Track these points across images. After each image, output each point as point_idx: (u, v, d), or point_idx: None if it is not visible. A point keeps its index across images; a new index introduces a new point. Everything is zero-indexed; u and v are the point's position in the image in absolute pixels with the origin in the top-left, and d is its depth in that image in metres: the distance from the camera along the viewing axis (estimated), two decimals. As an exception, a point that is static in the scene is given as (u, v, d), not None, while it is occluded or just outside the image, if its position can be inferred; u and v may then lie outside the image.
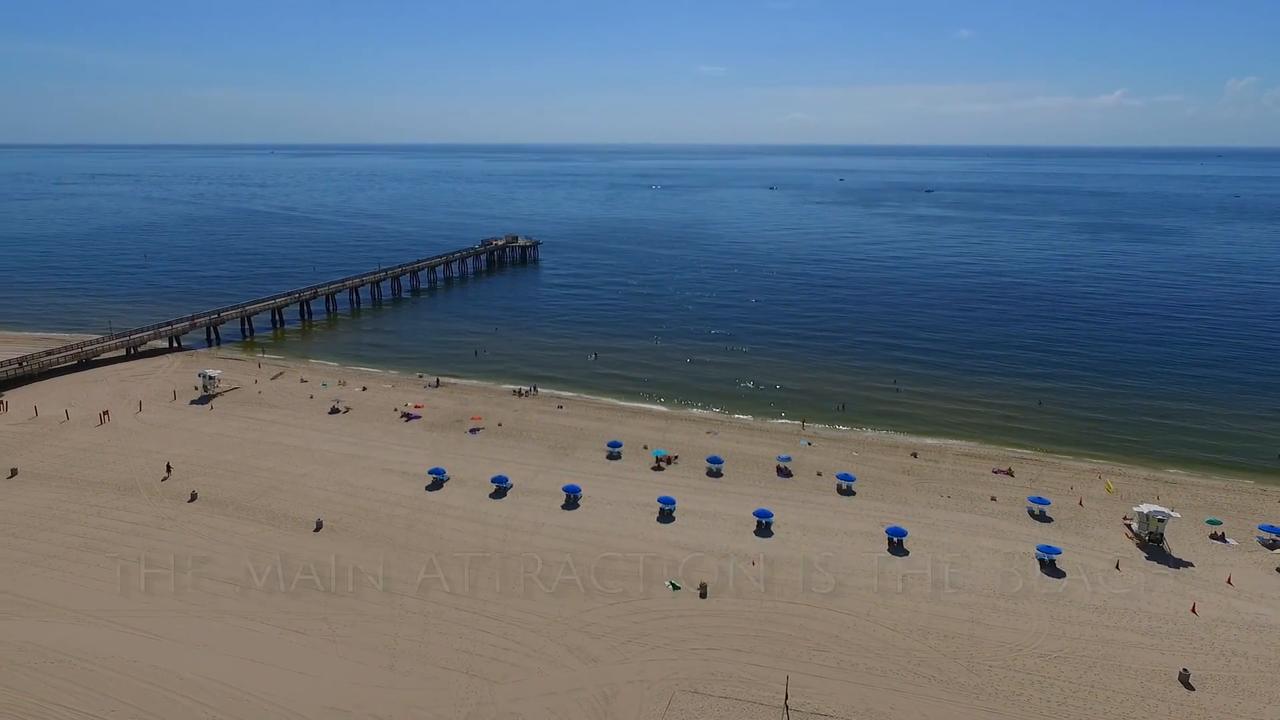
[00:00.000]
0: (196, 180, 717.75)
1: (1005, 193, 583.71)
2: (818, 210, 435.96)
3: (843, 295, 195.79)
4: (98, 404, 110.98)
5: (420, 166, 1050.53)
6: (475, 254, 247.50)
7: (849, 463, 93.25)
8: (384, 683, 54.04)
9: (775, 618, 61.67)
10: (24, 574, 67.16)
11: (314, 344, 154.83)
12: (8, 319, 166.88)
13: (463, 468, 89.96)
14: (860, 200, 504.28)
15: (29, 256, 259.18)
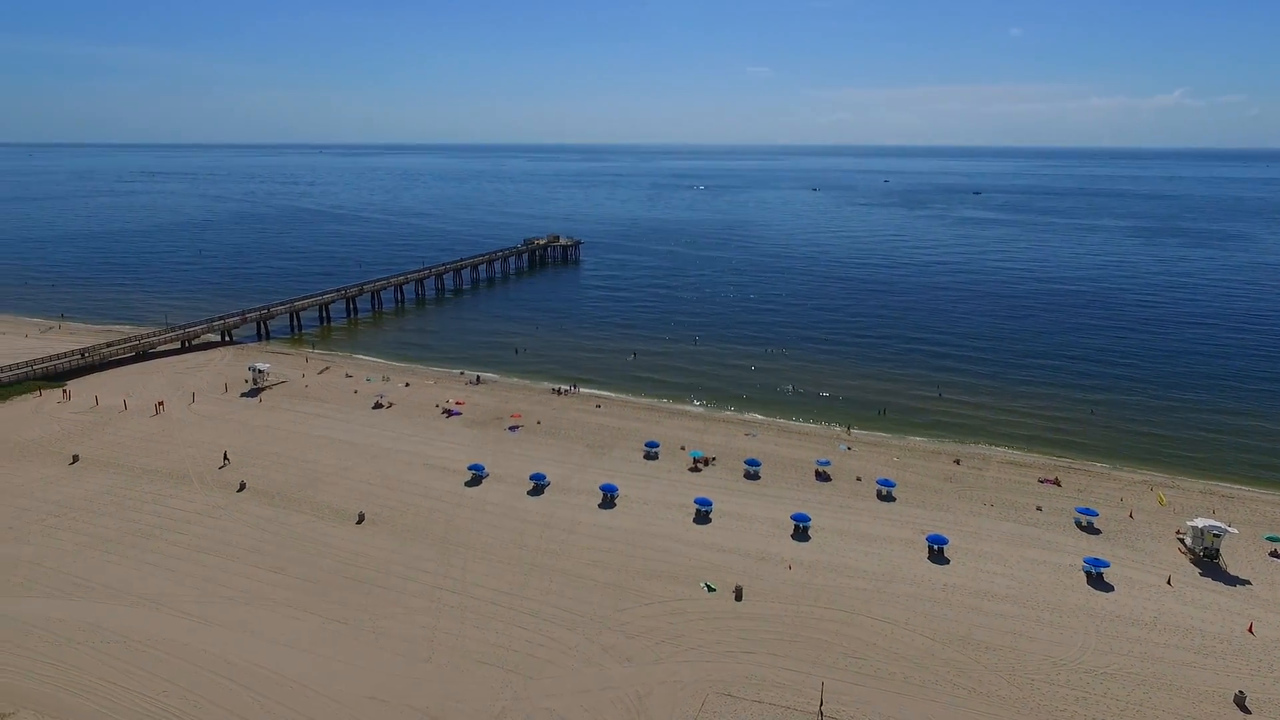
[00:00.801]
0: (248, 179, 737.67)
1: (1056, 195, 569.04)
2: (861, 212, 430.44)
3: (885, 299, 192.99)
4: (154, 395, 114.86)
5: (465, 166, 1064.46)
6: (517, 253, 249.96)
7: (889, 468, 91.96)
8: (422, 675, 54.94)
9: (811, 623, 61.14)
10: (84, 557, 69.88)
11: (359, 340, 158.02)
12: (73, 311, 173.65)
13: (501, 465, 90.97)
14: (905, 202, 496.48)
15: (92, 252, 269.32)
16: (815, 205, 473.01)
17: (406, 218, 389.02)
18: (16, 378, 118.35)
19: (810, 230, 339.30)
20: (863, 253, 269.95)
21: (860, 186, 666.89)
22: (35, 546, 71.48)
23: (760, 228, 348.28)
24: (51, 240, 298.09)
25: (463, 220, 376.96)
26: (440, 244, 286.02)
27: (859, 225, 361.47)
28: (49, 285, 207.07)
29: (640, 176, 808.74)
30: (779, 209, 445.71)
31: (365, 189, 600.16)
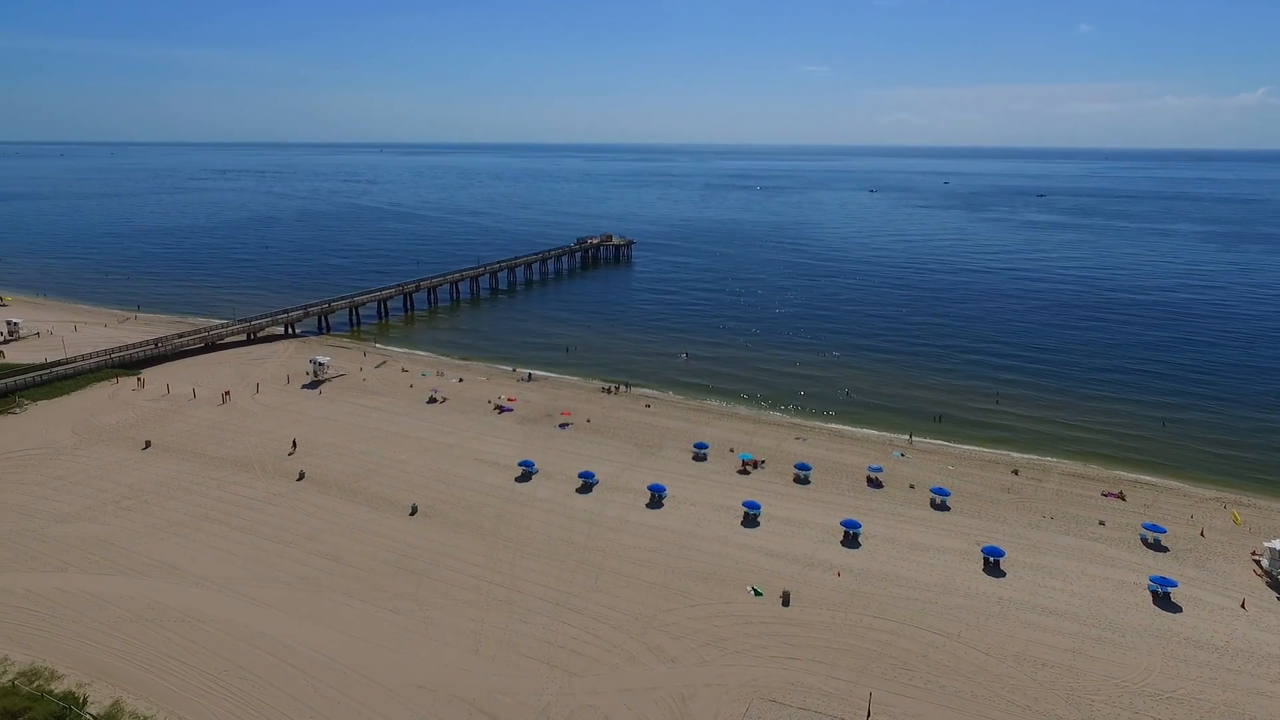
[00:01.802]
0: (313, 177, 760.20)
1: (1127, 198, 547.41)
2: (920, 214, 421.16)
3: (943, 304, 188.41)
4: (221, 384, 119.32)
5: (521, 165, 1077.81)
6: (570, 252, 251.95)
7: (944, 477, 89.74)
8: (469, 666, 55.80)
9: (860, 632, 60.07)
10: (154, 538, 73.00)
11: (415, 335, 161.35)
12: (148, 303, 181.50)
13: (551, 461, 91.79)
14: (966, 204, 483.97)
15: (166, 246, 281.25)
16: (872, 207, 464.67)
17: (462, 216, 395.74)
18: (96, 365, 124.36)
19: (867, 233, 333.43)
20: (920, 256, 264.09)
21: (919, 188, 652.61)
22: (111, 527, 74.98)
23: (815, 229, 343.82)
24: (129, 235, 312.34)
25: (517, 219, 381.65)
26: (495, 242, 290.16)
27: (917, 228, 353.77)
28: (125, 278, 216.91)
29: (694, 177, 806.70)
30: (835, 210, 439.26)
31: (423, 187, 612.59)
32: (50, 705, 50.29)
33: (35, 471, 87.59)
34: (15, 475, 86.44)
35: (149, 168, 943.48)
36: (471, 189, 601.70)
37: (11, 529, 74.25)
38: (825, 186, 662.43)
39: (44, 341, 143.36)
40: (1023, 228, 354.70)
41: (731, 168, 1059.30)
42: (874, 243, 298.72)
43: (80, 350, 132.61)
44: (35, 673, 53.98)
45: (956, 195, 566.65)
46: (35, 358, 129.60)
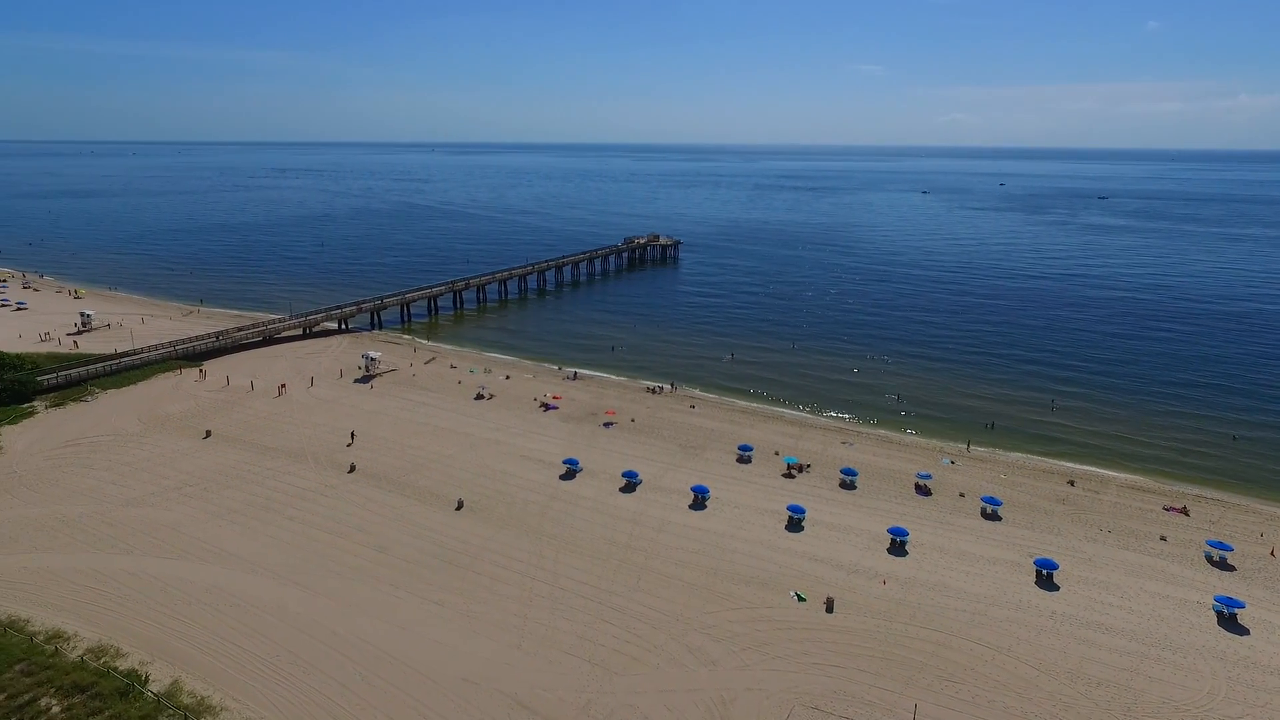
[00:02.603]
0: (367, 176, 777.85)
1: (1196, 201, 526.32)
2: (973, 217, 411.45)
3: (997, 309, 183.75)
4: (277, 377, 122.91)
5: (570, 165, 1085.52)
6: (617, 251, 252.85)
7: (996, 486, 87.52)
8: (511, 660, 56.42)
9: (905, 642, 58.96)
10: (213, 525, 75.59)
11: (464, 332, 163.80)
12: (210, 297, 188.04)
13: (595, 460, 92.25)
14: (1022, 207, 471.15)
15: (228, 242, 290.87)
16: (924, 209, 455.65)
17: (511, 215, 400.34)
18: (161, 356, 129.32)
19: (918, 235, 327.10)
20: (973, 260, 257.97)
21: (974, 190, 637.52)
22: (173, 513, 77.88)
23: (865, 231, 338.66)
24: (193, 231, 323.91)
25: (565, 218, 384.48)
26: (543, 241, 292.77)
27: (970, 230, 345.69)
28: (189, 273, 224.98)
29: (743, 177, 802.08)
30: (886, 212, 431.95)
31: (473, 186, 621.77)
32: (115, 682, 52.46)
33: (104, 457, 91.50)
34: (86, 460, 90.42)
35: (213, 166, 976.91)
36: (520, 188, 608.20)
37: (82, 512, 77.69)
38: (876, 187, 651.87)
39: (114, 333, 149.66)
40: (1083, 231, 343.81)
41: (780, 168, 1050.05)
42: (925, 246, 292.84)
43: (147, 342, 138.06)
44: (102, 650, 56.38)
45: (1013, 197, 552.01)
46: (106, 348, 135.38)
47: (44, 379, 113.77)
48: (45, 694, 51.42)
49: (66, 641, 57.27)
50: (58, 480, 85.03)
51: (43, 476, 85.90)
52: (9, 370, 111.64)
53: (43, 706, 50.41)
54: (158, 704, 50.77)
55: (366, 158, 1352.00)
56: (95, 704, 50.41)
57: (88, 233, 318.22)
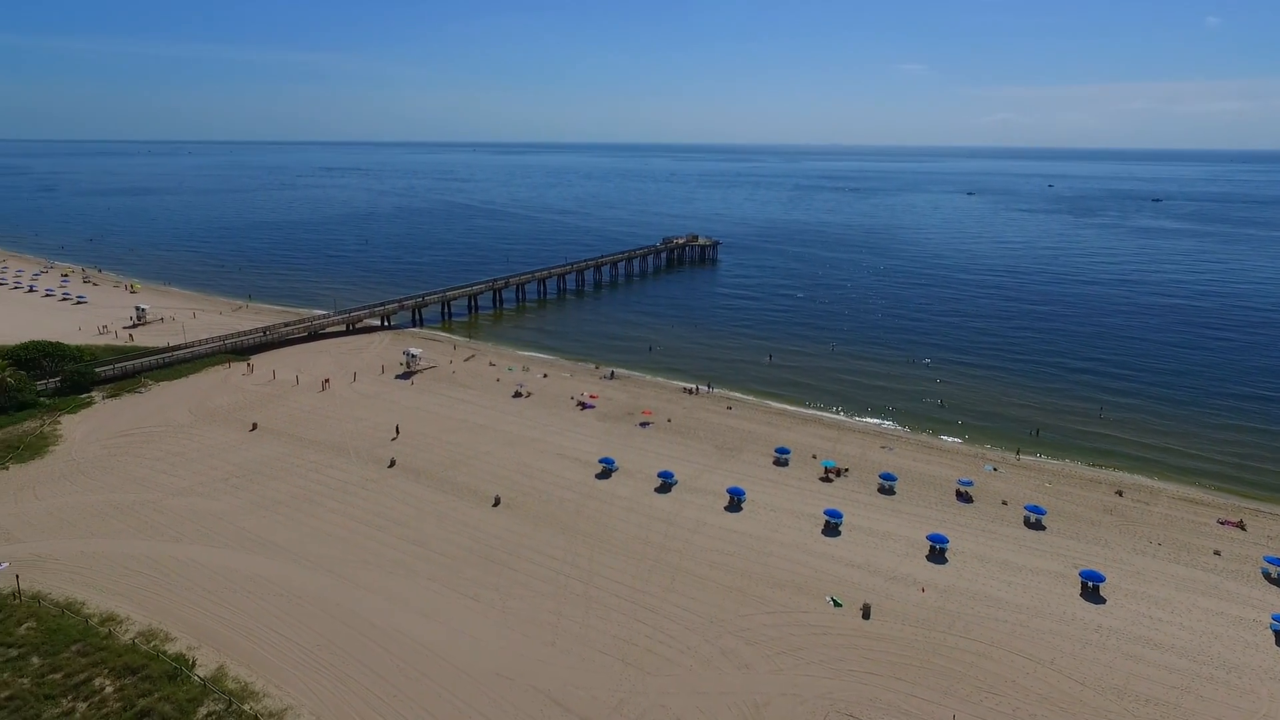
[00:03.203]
0: (410, 175, 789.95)
1: (1257, 204, 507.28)
2: (1020, 219, 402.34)
3: (1044, 313, 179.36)
4: (321, 372, 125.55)
5: (610, 164, 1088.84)
6: (656, 251, 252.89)
7: (1040, 494, 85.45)
8: (545, 658, 56.78)
9: (944, 651, 57.88)
10: (257, 515, 77.53)
11: (503, 330, 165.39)
12: (258, 293, 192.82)
13: (631, 459, 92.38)
14: (1071, 209, 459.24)
15: (275, 239, 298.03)
16: (969, 210, 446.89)
17: (551, 214, 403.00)
18: (211, 350, 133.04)
19: (962, 237, 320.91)
20: (1020, 264, 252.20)
21: (1021, 191, 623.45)
22: (220, 503, 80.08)
23: (907, 233, 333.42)
24: (242, 228, 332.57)
25: (604, 218, 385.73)
26: (582, 241, 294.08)
27: (1016, 233, 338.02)
28: (238, 269, 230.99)
29: (783, 178, 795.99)
30: (929, 214, 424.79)
31: (514, 186, 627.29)
32: (164, 665, 54.12)
33: (156, 447, 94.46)
34: (139, 450, 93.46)
35: (263, 165, 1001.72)
36: (560, 188, 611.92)
37: (135, 499, 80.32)
38: (920, 188, 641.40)
39: (167, 326, 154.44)
40: (1135, 235, 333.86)
41: (821, 168, 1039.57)
42: (970, 248, 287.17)
43: (197, 336, 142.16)
44: (152, 633, 58.21)
45: (1062, 199, 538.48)
46: (159, 342, 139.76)
47: (101, 370, 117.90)
48: (99, 674, 53.27)
49: (119, 624, 59.27)
50: (112, 468, 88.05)
51: (99, 464, 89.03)
52: (70, 362, 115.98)
53: (96, 686, 52.23)
54: (204, 688, 52.23)
55: (410, 157, 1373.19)
56: (145, 685, 52.07)
57: (143, 229, 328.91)
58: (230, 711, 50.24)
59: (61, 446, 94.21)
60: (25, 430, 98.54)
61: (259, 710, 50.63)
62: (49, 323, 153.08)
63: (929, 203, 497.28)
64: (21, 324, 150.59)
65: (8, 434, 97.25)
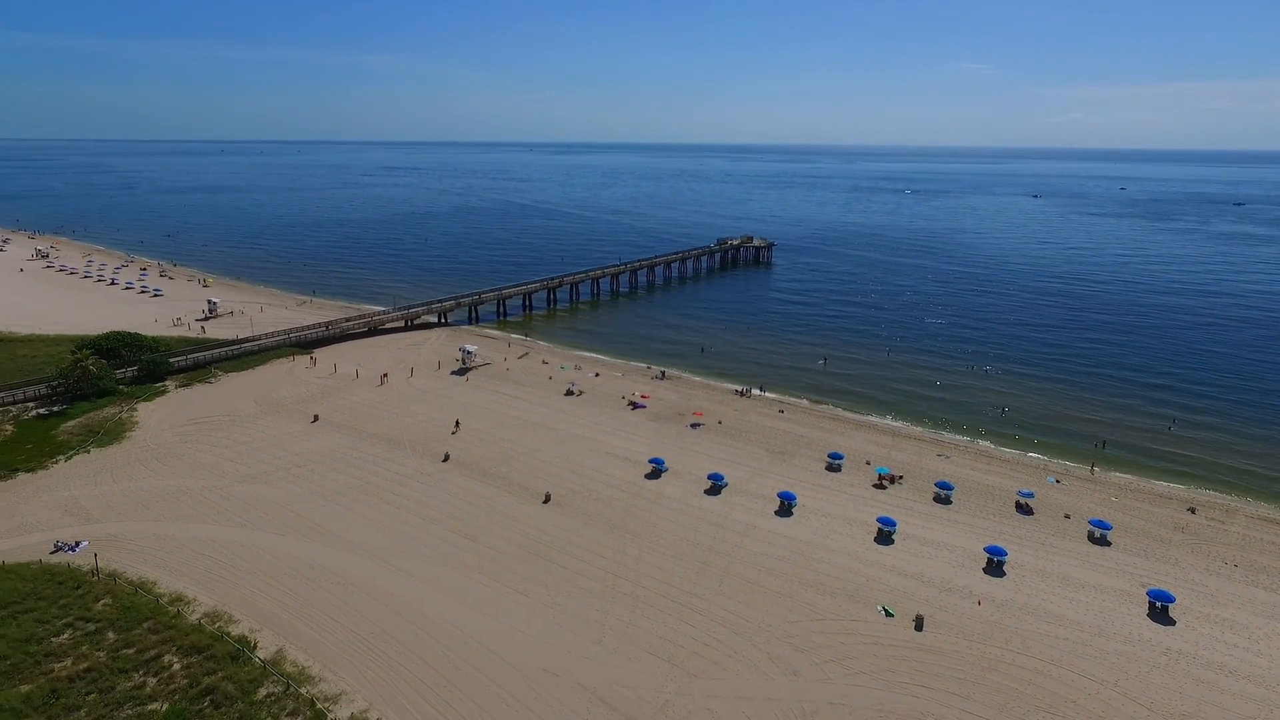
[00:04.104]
0: (468, 174, 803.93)
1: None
2: (1090, 223, 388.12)
3: (1113, 322, 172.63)
4: (380, 367, 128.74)
5: (665, 165, 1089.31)
6: (710, 252, 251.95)
7: (1105, 508, 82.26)
8: (591, 655, 57.10)
9: (1000, 667, 56.19)
10: (317, 504, 79.94)
11: (556, 329, 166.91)
12: (321, 289, 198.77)
13: (681, 461, 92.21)
14: (1145, 213, 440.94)
15: (338, 237, 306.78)
16: (1035, 214, 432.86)
17: (605, 214, 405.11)
18: (277, 343, 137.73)
19: (1026, 242, 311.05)
20: (1088, 270, 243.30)
21: (1091, 194, 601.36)
22: (282, 491, 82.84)
23: (969, 237, 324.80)
24: (306, 225, 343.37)
25: (659, 218, 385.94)
26: (636, 241, 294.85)
27: (1085, 237, 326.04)
28: (302, 265, 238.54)
29: (840, 179, 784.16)
30: (992, 217, 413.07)
31: (569, 186, 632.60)
32: (228, 646, 56.26)
33: (224, 435, 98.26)
34: (209, 438, 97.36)
35: (328, 165, 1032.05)
36: (615, 188, 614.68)
37: (203, 485, 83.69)
38: (983, 191, 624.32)
39: (236, 320, 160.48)
40: (1214, 240, 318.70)
41: (881, 170, 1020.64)
42: (1035, 253, 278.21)
43: (264, 329, 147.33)
44: (217, 615, 60.57)
45: (1135, 202, 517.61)
46: (228, 334, 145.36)
47: (175, 361, 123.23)
48: (168, 651, 55.68)
49: (187, 605, 61.83)
50: (183, 455, 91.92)
51: (171, 450, 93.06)
52: (147, 352, 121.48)
53: (165, 663, 54.60)
54: (264, 670, 54.09)
55: (468, 157, 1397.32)
56: (210, 665, 54.20)
57: (216, 225, 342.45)
58: (288, 694, 51.92)
59: (138, 432, 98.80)
60: (105, 416, 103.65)
61: (315, 694, 52.19)
62: (128, 314, 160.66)
63: (992, 206, 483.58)
64: (103, 315, 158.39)
65: (89, 419, 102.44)
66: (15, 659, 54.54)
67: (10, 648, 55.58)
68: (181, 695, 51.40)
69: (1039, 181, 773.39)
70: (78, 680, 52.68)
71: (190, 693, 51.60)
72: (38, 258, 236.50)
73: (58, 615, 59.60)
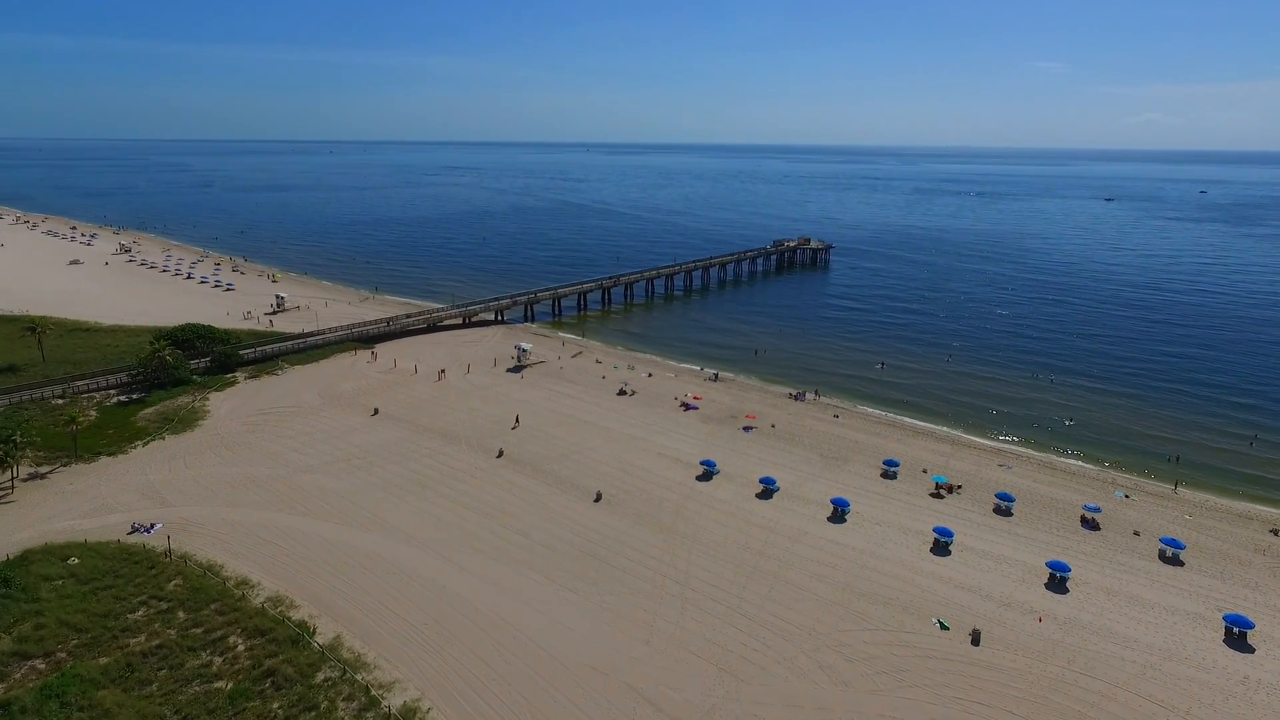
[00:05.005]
0: (527, 174, 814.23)
1: None
2: (1167, 228, 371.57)
3: (1191, 335, 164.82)
4: (438, 363, 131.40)
5: (721, 166, 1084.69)
6: (765, 254, 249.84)
7: (1179, 527, 78.61)
8: (639, 655, 57.17)
9: (1062, 688, 54.21)
10: (375, 496, 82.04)
11: (610, 328, 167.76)
12: (384, 285, 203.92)
13: (733, 463, 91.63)
14: (1227, 218, 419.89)
15: (399, 235, 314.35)
16: (1107, 218, 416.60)
17: (660, 215, 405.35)
18: (340, 338, 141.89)
19: (1098, 247, 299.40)
20: (1164, 277, 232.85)
21: (1168, 197, 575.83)
22: (342, 482, 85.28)
23: (1035, 241, 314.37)
24: (369, 223, 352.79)
25: (714, 219, 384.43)
26: (690, 242, 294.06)
27: (1162, 244, 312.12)
28: (365, 262, 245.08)
29: (902, 181, 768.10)
30: (1060, 221, 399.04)
31: (625, 186, 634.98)
32: (288, 630, 58.19)
33: (289, 426, 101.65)
34: (274, 428, 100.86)
35: (392, 164, 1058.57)
36: (671, 188, 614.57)
37: (269, 474, 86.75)
38: (1051, 194, 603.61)
39: (302, 314, 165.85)
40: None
41: (943, 171, 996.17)
42: (1106, 259, 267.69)
43: (328, 324, 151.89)
44: (279, 599, 62.70)
45: (1216, 206, 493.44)
46: (295, 328, 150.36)
47: (245, 353, 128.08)
48: (233, 633, 57.89)
49: (251, 588, 64.17)
50: (250, 444, 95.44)
51: (239, 439, 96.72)
52: (219, 344, 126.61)
53: (231, 644, 56.78)
54: (322, 655, 55.74)
55: (528, 157, 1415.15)
56: (271, 647, 56.14)
57: (285, 222, 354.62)
58: (345, 679, 53.40)
59: (209, 421, 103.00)
60: (180, 404, 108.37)
61: (370, 681, 53.54)
62: (202, 307, 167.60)
63: (1061, 209, 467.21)
64: (180, 308, 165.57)
65: (165, 407, 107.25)
66: (95, 633, 57.48)
67: (91, 621, 58.61)
68: (245, 675, 53.37)
69: (1112, 184, 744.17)
70: (150, 656, 55.20)
71: (253, 673, 53.53)
72: (121, 252, 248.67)
73: (134, 593, 62.59)
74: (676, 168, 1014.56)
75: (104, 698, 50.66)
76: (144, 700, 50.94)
